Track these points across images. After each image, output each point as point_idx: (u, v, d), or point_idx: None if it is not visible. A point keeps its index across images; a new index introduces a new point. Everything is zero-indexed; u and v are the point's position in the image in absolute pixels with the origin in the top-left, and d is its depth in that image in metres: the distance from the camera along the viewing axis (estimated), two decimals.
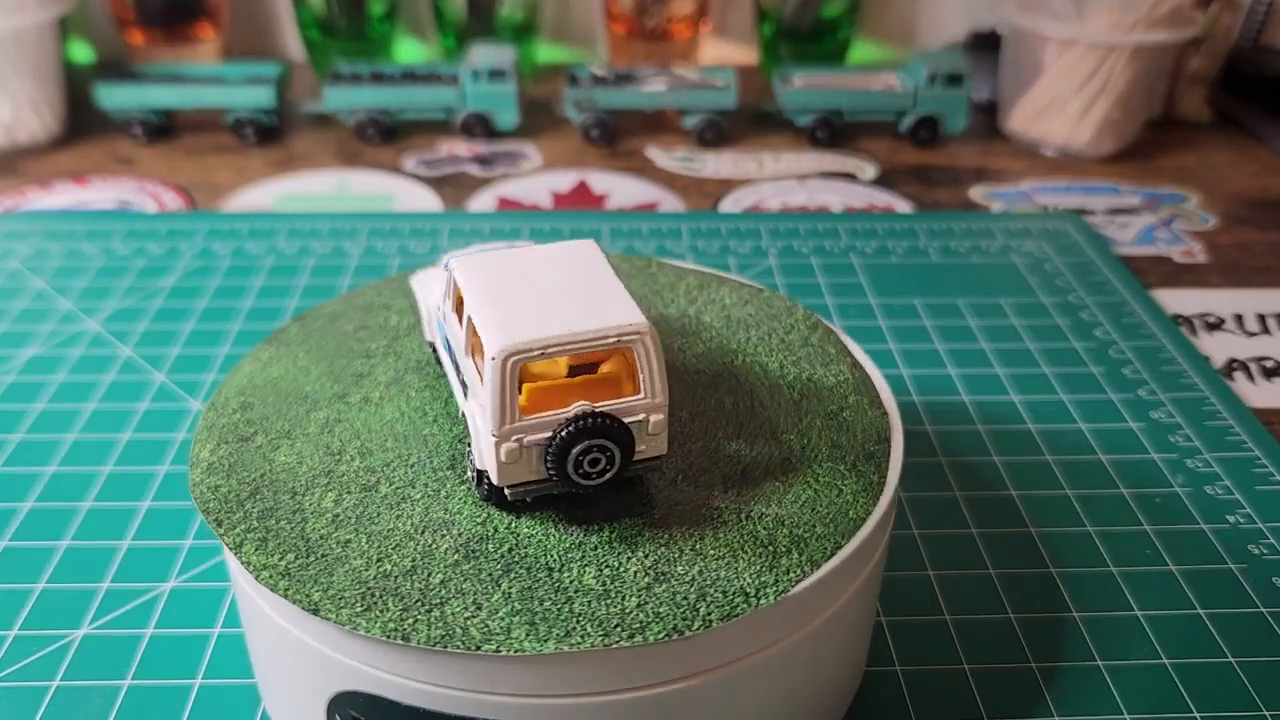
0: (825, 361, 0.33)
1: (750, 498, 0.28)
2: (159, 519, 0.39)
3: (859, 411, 0.31)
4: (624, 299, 0.26)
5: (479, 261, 0.28)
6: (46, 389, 0.46)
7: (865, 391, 0.32)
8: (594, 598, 0.25)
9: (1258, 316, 0.54)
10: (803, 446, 0.29)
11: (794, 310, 0.35)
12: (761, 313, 0.35)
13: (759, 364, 0.33)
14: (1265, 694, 0.33)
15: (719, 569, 0.25)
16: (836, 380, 0.32)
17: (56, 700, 0.32)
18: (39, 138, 0.72)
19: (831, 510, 0.27)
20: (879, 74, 0.76)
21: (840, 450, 0.29)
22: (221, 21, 0.83)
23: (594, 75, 0.75)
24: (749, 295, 0.36)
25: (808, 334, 0.34)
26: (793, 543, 0.26)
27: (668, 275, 0.38)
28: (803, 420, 0.30)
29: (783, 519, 0.27)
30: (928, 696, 0.32)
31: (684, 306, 0.36)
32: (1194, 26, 0.68)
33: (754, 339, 0.34)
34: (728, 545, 0.26)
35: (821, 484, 0.28)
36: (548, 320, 0.25)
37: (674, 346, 0.34)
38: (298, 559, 0.26)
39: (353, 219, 0.62)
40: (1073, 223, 0.63)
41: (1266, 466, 0.42)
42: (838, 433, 0.30)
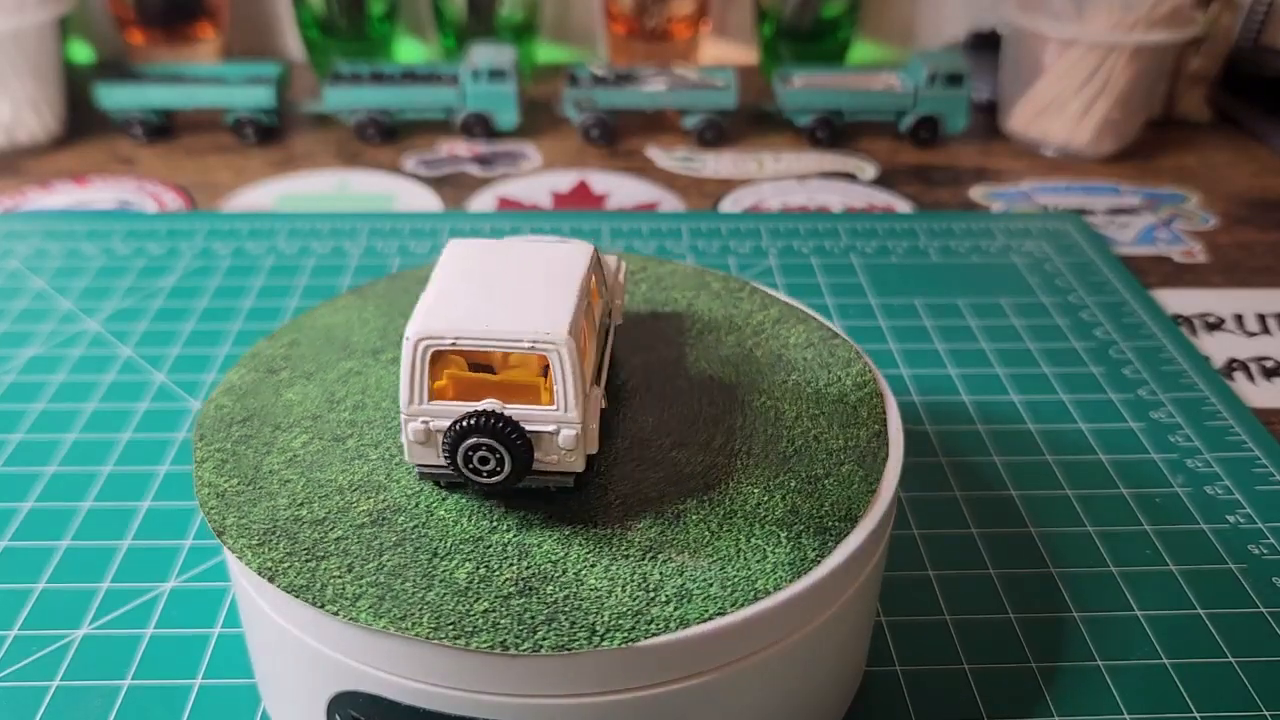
0: (844, 424, 0.31)
1: (682, 541, 0.26)
2: (159, 519, 0.39)
3: (841, 481, 0.28)
4: (564, 307, 0.26)
5: (470, 246, 0.29)
6: (46, 389, 0.46)
7: (864, 465, 0.29)
8: (452, 592, 0.25)
9: (1258, 316, 0.54)
10: (761, 504, 0.28)
11: (852, 363, 0.33)
12: (816, 358, 0.34)
13: (775, 409, 0.31)
14: (1265, 694, 0.33)
15: (588, 596, 0.25)
16: (841, 445, 0.30)
17: (56, 700, 0.32)
18: (39, 138, 0.72)
19: (738, 579, 0.25)
20: (879, 74, 0.76)
21: (799, 520, 0.27)
22: (221, 21, 0.83)
23: (594, 75, 0.75)
24: (818, 339, 0.34)
25: (848, 390, 0.32)
26: (681, 596, 0.25)
27: (753, 302, 0.36)
28: (777, 478, 0.29)
29: (683, 569, 0.25)
30: (928, 696, 0.32)
31: (743, 339, 0.34)
32: (1194, 26, 0.68)
33: (790, 383, 0.32)
34: (613, 577, 0.25)
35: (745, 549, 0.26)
36: (474, 314, 0.26)
37: (706, 373, 0.32)
38: (239, 485, 0.28)
39: (353, 219, 0.62)
40: (1073, 223, 0.63)
41: (1266, 466, 0.42)
42: (807, 499, 0.28)
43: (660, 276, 0.38)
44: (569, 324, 0.25)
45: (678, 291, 0.37)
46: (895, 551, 0.38)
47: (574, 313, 0.26)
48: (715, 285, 0.37)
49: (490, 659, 0.24)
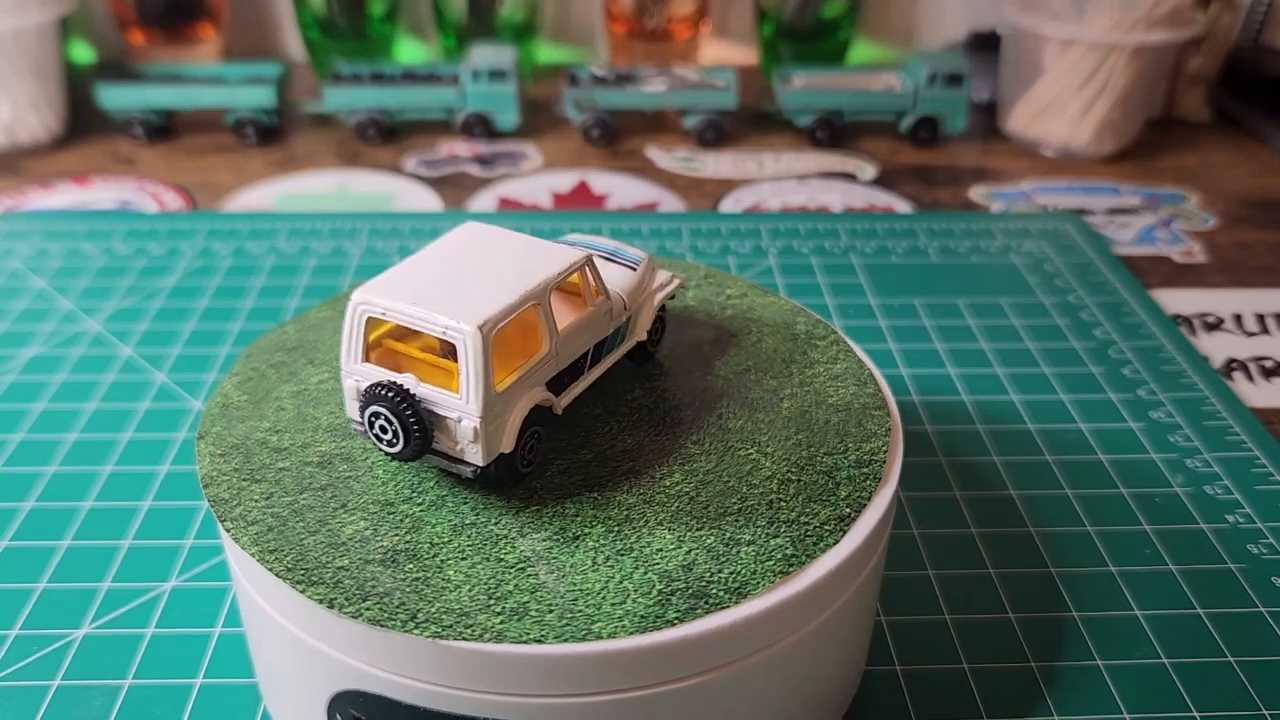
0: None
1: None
2: (160, 518, 0.39)
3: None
4: (495, 303, 0.26)
5: (475, 231, 0.30)
6: (47, 389, 0.46)
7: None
8: (329, 543, 0.26)
9: (1257, 316, 0.54)
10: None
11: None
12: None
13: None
14: (1264, 693, 0.33)
15: (435, 584, 0.25)
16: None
17: (57, 700, 0.32)
18: (40, 138, 0.72)
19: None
20: (879, 74, 0.76)
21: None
22: (222, 22, 0.83)
23: (594, 75, 0.75)
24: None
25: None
26: (517, 611, 0.25)
27: (824, 353, 0.34)
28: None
29: (540, 585, 0.25)
30: (927, 696, 0.32)
31: (781, 385, 0.33)
32: (1194, 26, 0.68)
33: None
34: (470, 575, 0.26)
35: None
36: (415, 291, 0.27)
37: (715, 411, 0.32)
38: (245, 402, 0.32)
39: (353, 219, 0.62)
40: (1072, 223, 0.63)
41: (1266, 466, 0.42)
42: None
43: (751, 306, 0.37)
44: (485, 319, 0.25)
45: (757, 325, 0.36)
46: (895, 551, 0.38)
47: (500, 309, 0.26)
48: (800, 327, 0.36)
49: (490, 658, 0.24)
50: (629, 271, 0.32)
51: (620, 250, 0.33)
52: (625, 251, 0.33)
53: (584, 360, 0.30)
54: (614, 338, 0.31)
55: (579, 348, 0.29)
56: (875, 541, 0.28)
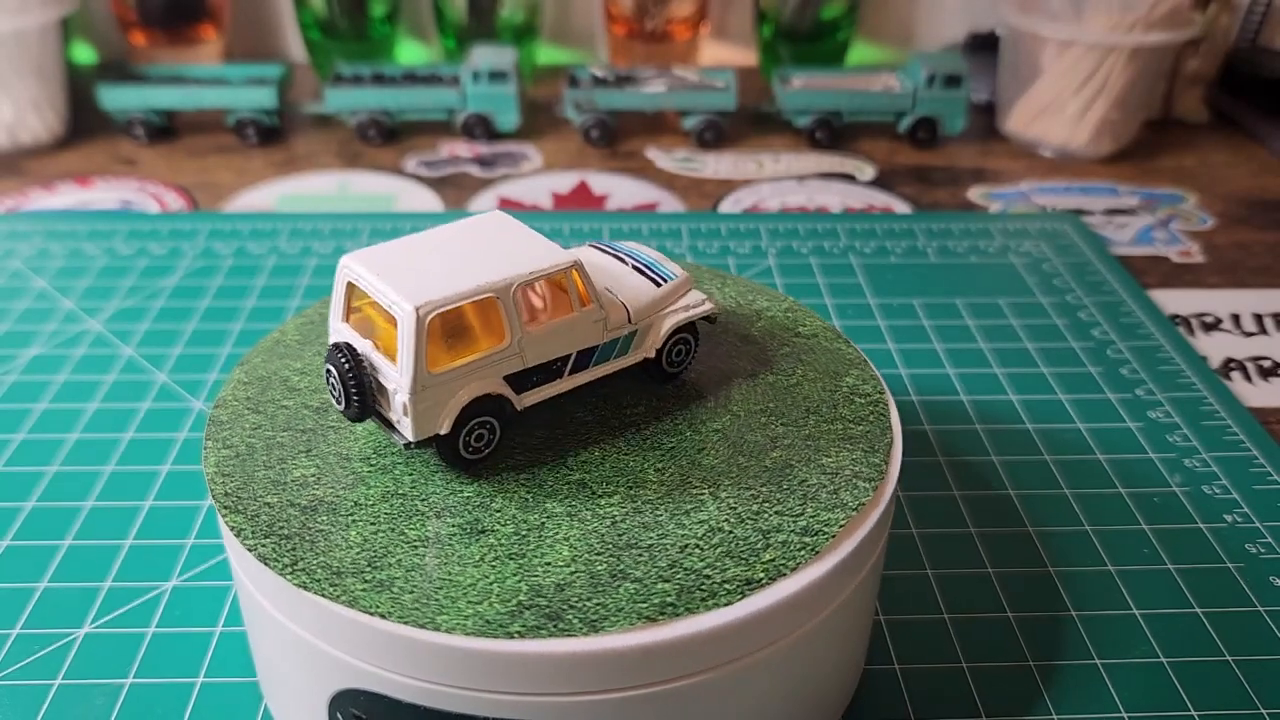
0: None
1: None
2: (161, 518, 0.39)
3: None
4: (450, 288, 0.27)
5: (495, 220, 0.30)
6: (49, 388, 0.47)
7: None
8: (297, 508, 0.28)
9: (1255, 316, 0.54)
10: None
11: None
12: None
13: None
14: (1262, 692, 0.33)
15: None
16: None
17: (59, 698, 0.32)
18: (41, 138, 0.72)
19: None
20: (878, 75, 0.76)
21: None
22: (223, 23, 0.83)
23: (594, 76, 0.76)
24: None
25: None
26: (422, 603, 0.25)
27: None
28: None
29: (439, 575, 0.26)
30: (926, 695, 0.33)
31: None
32: (1192, 27, 0.69)
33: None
34: (411, 563, 0.26)
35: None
36: (393, 265, 0.28)
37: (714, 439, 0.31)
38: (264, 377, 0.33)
39: (354, 219, 0.62)
40: (1071, 223, 0.63)
41: (1264, 466, 0.42)
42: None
43: (814, 349, 0.34)
44: (426, 301, 0.26)
45: (805, 369, 0.33)
46: (894, 550, 0.38)
47: (446, 295, 0.26)
48: (848, 381, 0.33)
49: (489, 658, 0.24)
50: (652, 286, 0.32)
51: (659, 264, 0.33)
52: (662, 266, 0.33)
53: (562, 364, 0.29)
54: (610, 348, 0.30)
55: (555, 350, 0.29)
56: (874, 541, 0.28)
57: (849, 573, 0.27)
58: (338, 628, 0.25)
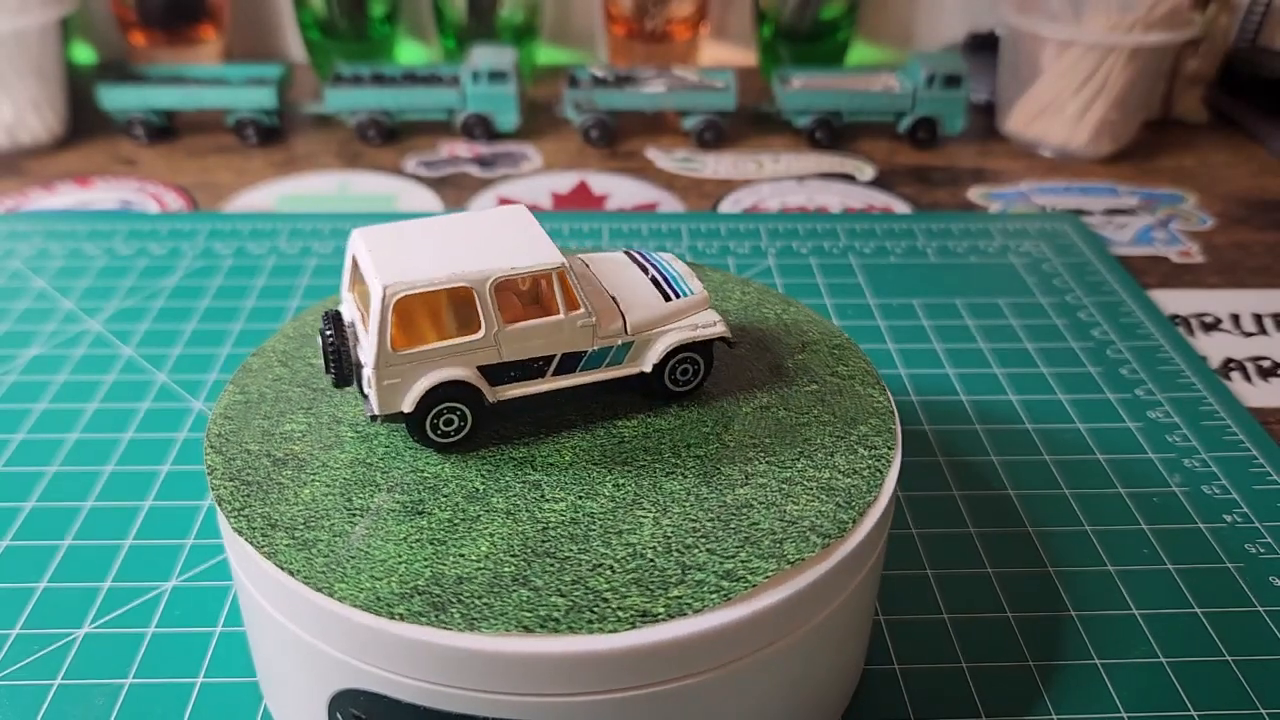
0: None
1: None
2: (161, 518, 0.39)
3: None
4: (426, 274, 0.27)
5: (511, 213, 0.31)
6: (48, 389, 0.47)
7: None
8: (272, 460, 0.29)
9: (1254, 316, 0.54)
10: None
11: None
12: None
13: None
14: (1262, 692, 0.33)
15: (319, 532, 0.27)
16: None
17: (58, 698, 0.32)
18: (41, 138, 0.72)
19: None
20: (878, 75, 0.76)
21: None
22: (223, 23, 0.83)
23: (594, 76, 0.76)
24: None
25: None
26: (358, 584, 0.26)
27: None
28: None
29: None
30: (926, 695, 0.33)
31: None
32: (1191, 28, 0.69)
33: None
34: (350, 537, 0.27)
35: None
36: (387, 245, 0.29)
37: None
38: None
39: (354, 219, 0.62)
40: (1070, 223, 0.63)
41: (1263, 466, 0.42)
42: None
43: (841, 389, 0.33)
44: (396, 282, 0.27)
45: (824, 407, 0.32)
46: (893, 550, 0.38)
47: (417, 280, 0.27)
48: (860, 431, 0.31)
49: (489, 658, 0.24)
50: (661, 300, 0.31)
51: (680, 279, 0.32)
52: (683, 281, 0.32)
53: (545, 364, 0.30)
54: (600, 355, 0.30)
55: (536, 349, 0.29)
56: (874, 541, 0.28)
57: (849, 573, 0.27)
58: (337, 628, 0.25)
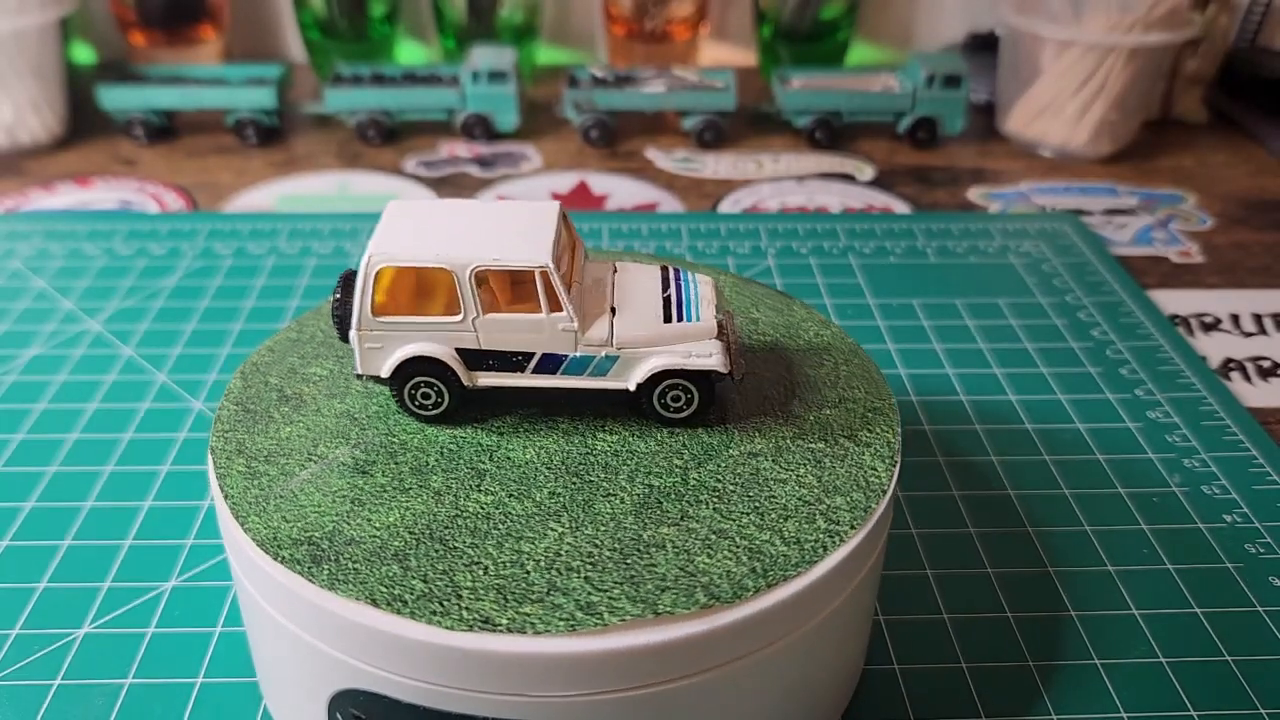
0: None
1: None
2: (161, 518, 0.39)
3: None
4: (416, 253, 0.28)
5: (536, 209, 0.31)
6: (48, 389, 0.47)
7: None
8: (276, 402, 0.31)
9: (1254, 316, 0.54)
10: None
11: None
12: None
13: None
14: (1261, 692, 0.33)
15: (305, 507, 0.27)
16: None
17: (58, 698, 0.32)
18: (41, 138, 0.72)
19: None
20: (877, 75, 0.76)
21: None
22: (223, 23, 0.83)
23: (594, 77, 0.76)
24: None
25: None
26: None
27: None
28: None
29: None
30: (925, 695, 0.33)
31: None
32: (1191, 28, 0.69)
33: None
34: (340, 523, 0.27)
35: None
36: (410, 219, 0.30)
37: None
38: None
39: (354, 219, 0.62)
40: (1070, 223, 0.63)
41: (1263, 466, 0.42)
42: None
43: (850, 423, 0.31)
44: (384, 254, 0.29)
45: (827, 462, 0.30)
46: (893, 550, 0.38)
47: (403, 254, 0.29)
48: (854, 494, 0.29)
49: (488, 657, 0.24)
50: (660, 320, 0.30)
51: (695, 303, 0.30)
52: (696, 305, 0.30)
53: (524, 359, 0.30)
54: (583, 362, 0.30)
55: (514, 343, 0.30)
56: (874, 541, 0.28)
57: (848, 573, 0.27)
58: (337, 628, 0.25)
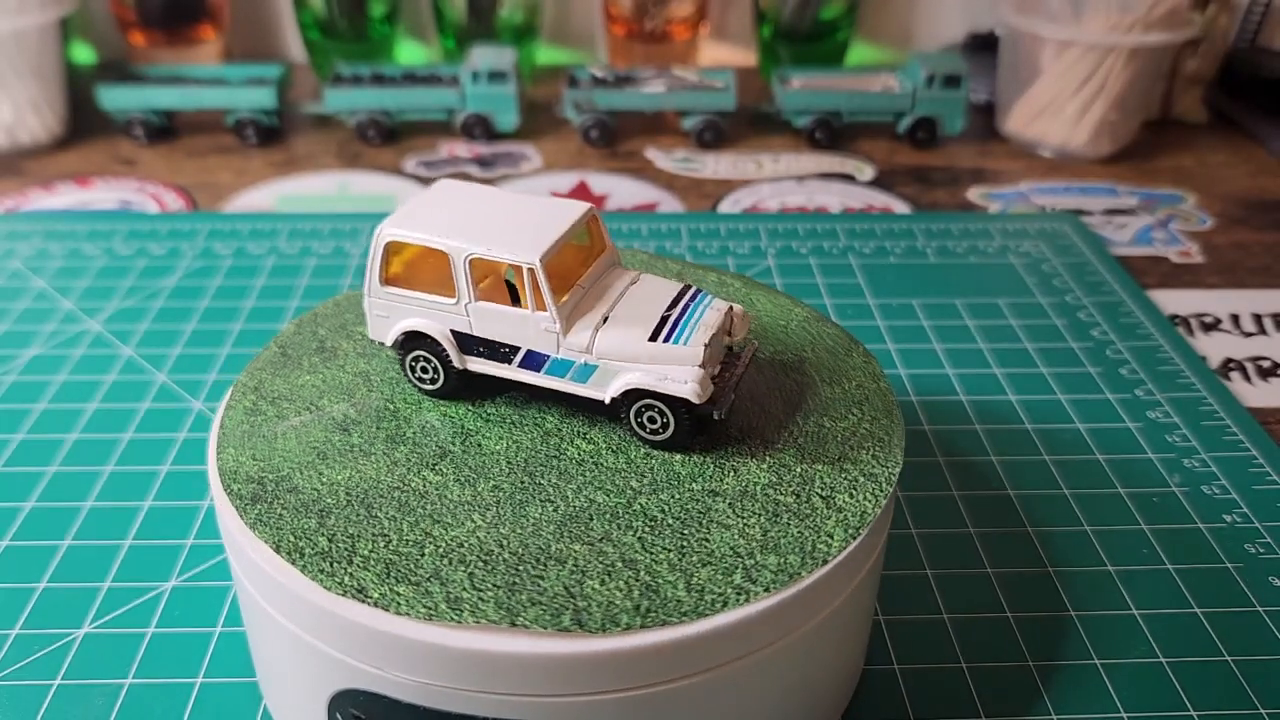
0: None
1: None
2: (160, 518, 0.39)
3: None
4: (422, 233, 0.30)
5: (563, 206, 0.32)
6: (48, 389, 0.47)
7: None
8: (285, 385, 0.32)
9: (1254, 316, 0.54)
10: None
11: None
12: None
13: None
14: (1261, 692, 0.33)
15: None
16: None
17: (58, 699, 0.32)
18: (41, 138, 0.72)
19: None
20: (877, 75, 0.76)
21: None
22: (222, 23, 0.83)
23: (594, 77, 0.76)
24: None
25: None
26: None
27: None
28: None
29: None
30: (925, 695, 0.33)
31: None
32: (1191, 28, 0.69)
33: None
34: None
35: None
36: (440, 200, 0.31)
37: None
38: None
39: (353, 219, 0.62)
40: (1070, 223, 0.63)
41: (1263, 466, 0.42)
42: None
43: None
44: (393, 231, 0.30)
45: (788, 520, 0.28)
46: (893, 550, 0.38)
47: (409, 233, 0.30)
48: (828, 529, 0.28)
49: (487, 658, 0.24)
50: (643, 337, 0.29)
51: (688, 326, 0.29)
52: (687, 330, 0.29)
53: (510, 352, 0.30)
54: (563, 365, 0.30)
55: (500, 334, 0.30)
56: (874, 541, 0.28)
57: (848, 573, 0.27)
58: (337, 628, 0.25)
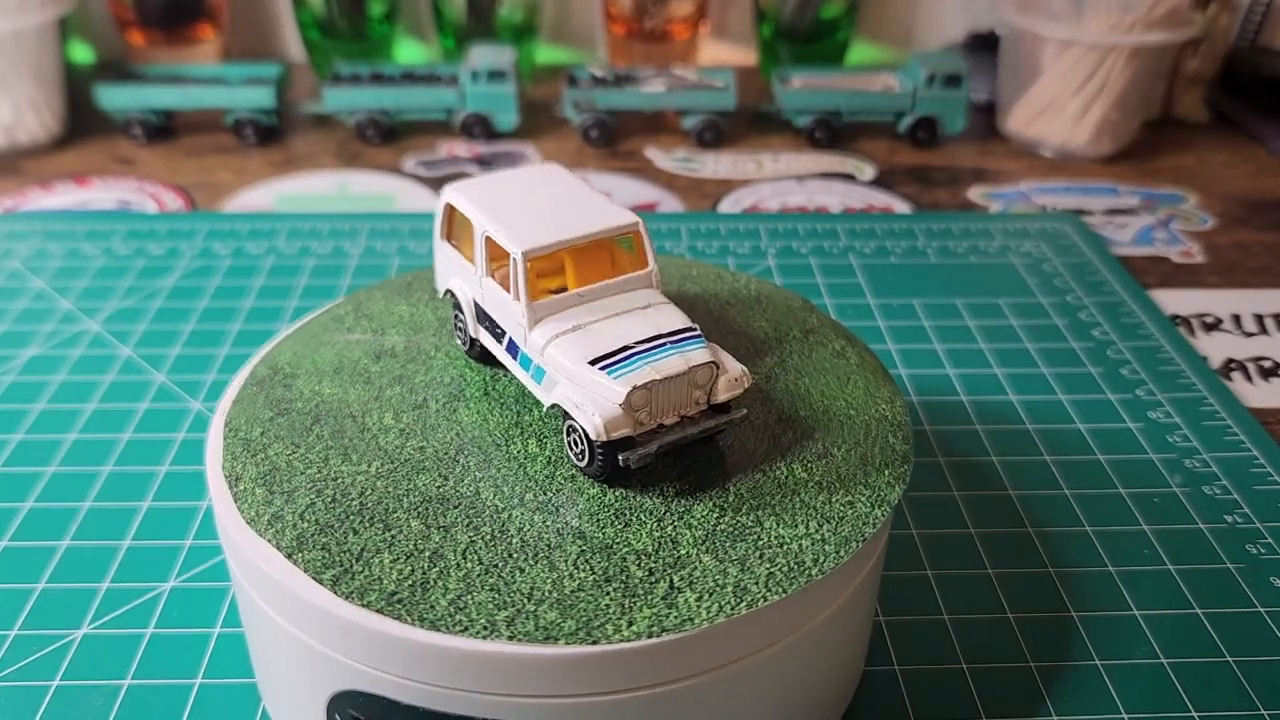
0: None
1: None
2: (159, 519, 0.39)
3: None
4: (473, 206, 0.31)
5: (605, 207, 0.32)
6: (47, 389, 0.46)
7: (862, 464, 0.29)
8: (310, 360, 0.33)
9: (1255, 317, 0.54)
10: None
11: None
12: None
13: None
14: (1262, 693, 0.33)
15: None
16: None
17: (57, 700, 0.32)
18: (39, 138, 0.72)
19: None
20: (878, 75, 0.76)
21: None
22: (221, 22, 0.83)
23: (593, 76, 0.75)
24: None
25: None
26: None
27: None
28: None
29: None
30: (926, 696, 0.33)
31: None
32: (1192, 27, 0.68)
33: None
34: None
35: None
36: (505, 179, 0.32)
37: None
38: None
39: (353, 219, 0.62)
40: (1071, 223, 0.63)
41: (1264, 466, 0.42)
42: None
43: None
44: (453, 196, 0.32)
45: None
46: (894, 551, 0.38)
47: (462, 202, 0.31)
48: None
49: (490, 658, 0.24)
50: (584, 359, 0.27)
51: (635, 360, 0.27)
52: (633, 363, 0.27)
53: (500, 334, 0.30)
54: (525, 360, 0.29)
55: (495, 311, 0.31)
56: (874, 542, 0.28)
57: (849, 573, 0.27)
58: (336, 629, 0.25)
